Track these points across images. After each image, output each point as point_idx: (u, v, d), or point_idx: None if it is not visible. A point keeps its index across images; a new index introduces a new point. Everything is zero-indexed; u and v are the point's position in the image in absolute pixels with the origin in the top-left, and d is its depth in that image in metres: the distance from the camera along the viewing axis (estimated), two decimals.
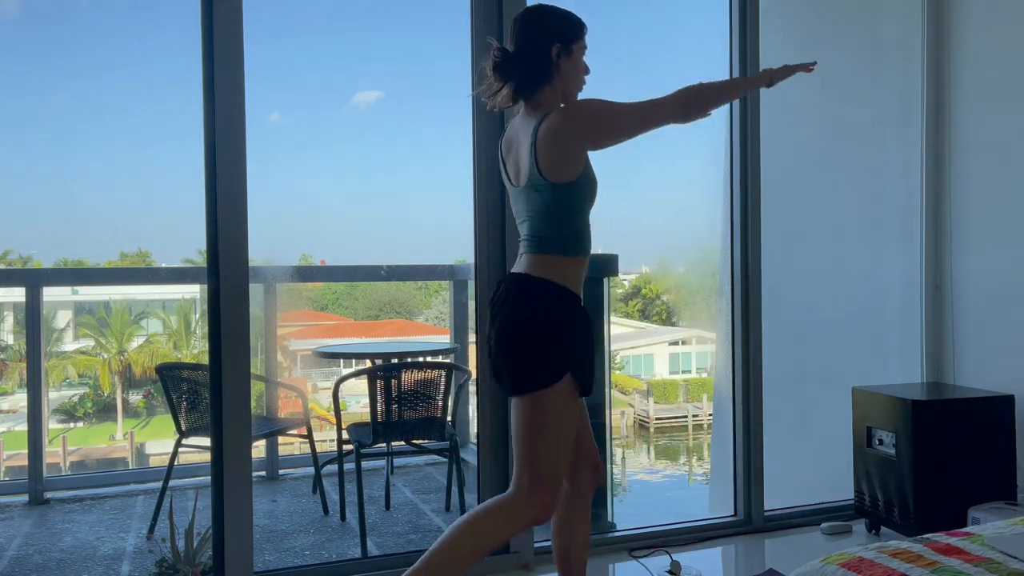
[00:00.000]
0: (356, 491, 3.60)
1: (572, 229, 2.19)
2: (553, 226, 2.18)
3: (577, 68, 2.23)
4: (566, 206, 2.17)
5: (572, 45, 2.21)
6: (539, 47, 2.19)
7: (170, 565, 2.93)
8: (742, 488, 3.49)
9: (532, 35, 2.21)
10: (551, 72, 2.20)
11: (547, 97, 2.21)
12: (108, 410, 15.07)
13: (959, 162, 3.74)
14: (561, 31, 2.20)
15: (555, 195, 2.15)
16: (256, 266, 4.56)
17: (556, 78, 2.20)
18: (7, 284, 7.47)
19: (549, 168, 2.13)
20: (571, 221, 2.19)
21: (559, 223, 2.18)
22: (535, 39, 2.20)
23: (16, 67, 18.59)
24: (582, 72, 2.25)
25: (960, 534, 1.96)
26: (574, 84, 2.24)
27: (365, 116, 20.63)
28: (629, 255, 14.67)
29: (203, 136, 2.72)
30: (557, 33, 2.19)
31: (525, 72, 2.18)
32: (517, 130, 2.26)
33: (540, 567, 3.08)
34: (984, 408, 3.30)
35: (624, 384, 16.63)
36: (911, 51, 3.89)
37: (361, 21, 18.98)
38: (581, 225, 2.21)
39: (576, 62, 2.23)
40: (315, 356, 4.60)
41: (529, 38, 2.21)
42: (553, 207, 2.16)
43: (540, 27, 2.22)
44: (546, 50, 2.18)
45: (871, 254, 4.11)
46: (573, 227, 2.19)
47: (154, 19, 18.87)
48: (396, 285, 13.99)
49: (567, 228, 2.19)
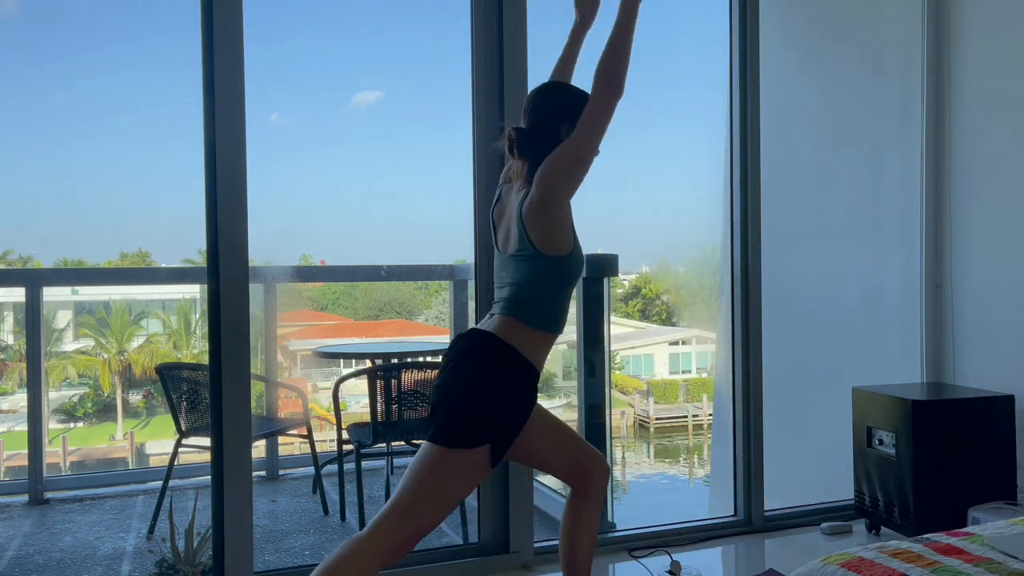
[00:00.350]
0: (356, 491, 3.60)
1: (552, 304, 2.16)
2: (535, 297, 2.15)
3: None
4: (552, 279, 2.15)
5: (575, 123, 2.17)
6: (549, 125, 2.19)
7: (170, 565, 2.93)
8: (742, 488, 3.49)
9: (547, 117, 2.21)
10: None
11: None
12: (108, 410, 15.08)
13: (959, 162, 3.74)
14: (571, 112, 2.18)
15: (543, 266, 2.13)
16: (256, 266, 4.56)
17: None
18: (7, 284, 7.48)
19: (539, 238, 2.11)
20: (553, 296, 2.16)
21: (541, 295, 2.15)
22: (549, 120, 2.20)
23: (16, 67, 18.61)
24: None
25: (960, 534, 1.96)
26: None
27: (365, 116, 20.65)
28: (629, 255, 14.67)
29: (203, 136, 2.72)
30: (567, 114, 2.18)
31: (540, 151, 2.17)
32: (507, 199, 2.26)
33: (540, 567, 3.08)
34: (984, 408, 3.30)
35: (624, 384, 16.64)
36: (911, 51, 3.89)
37: (361, 21, 19.00)
38: (561, 303, 2.19)
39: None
40: (315, 356, 4.60)
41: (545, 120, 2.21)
42: (540, 277, 2.14)
43: (550, 106, 2.22)
44: (557, 131, 2.17)
45: (871, 254, 4.11)
46: (554, 302, 2.16)
47: (154, 19, 18.89)
48: (396, 285, 14.00)
49: (548, 302, 2.16)
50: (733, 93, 3.51)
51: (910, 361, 3.89)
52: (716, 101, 3.71)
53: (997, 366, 3.54)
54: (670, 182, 21.85)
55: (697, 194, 15.02)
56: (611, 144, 2.30)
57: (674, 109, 20.99)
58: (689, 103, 19.84)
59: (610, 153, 2.31)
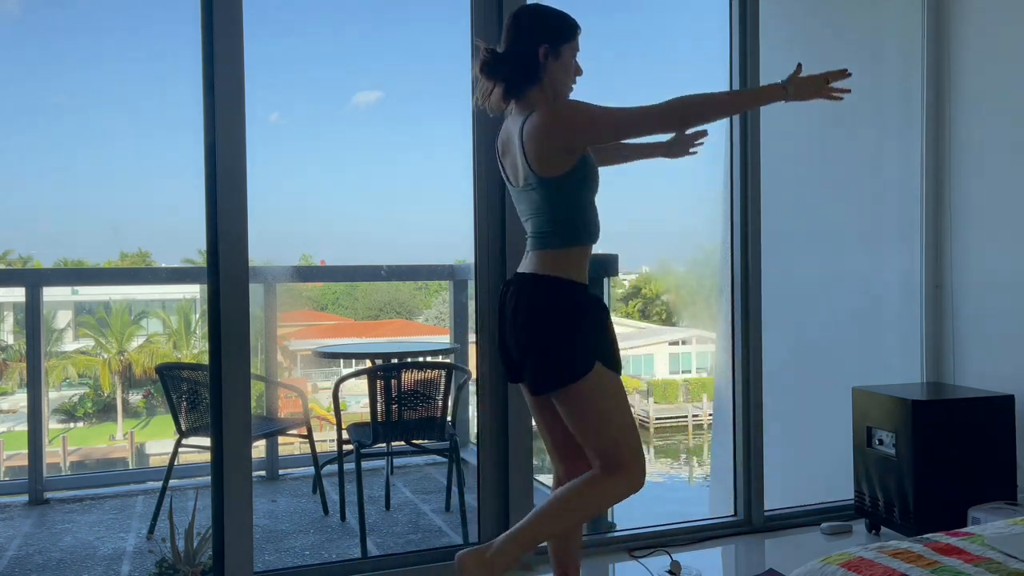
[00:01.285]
0: (356, 491, 3.60)
1: (572, 220, 2.18)
2: (553, 221, 2.17)
3: (566, 70, 2.22)
4: (564, 200, 2.17)
5: (561, 46, 2.20)
6: (526, 48, 2.18)
7: (170, 565, 2.93)
8: (742, 488, 3.49)
9: (520, 36, 2.21)
10: (538, 73, 2.19)
11: (536, 98, 2.20)
12: (108, 410, 15.08)
13: (959, 162, 3.74)
14: (550, 32, 2.19)
15: (550, 190, 2.15)
16: (256, 266, 4.56)
17: (544, 79, 2.20)
18: (7, 284, 7.47)
19: (539, 165, 2.13)
20: (571, 213, 2.18)
21: (559, 217, 2.17)
22: (523, 40, 2.20)
23: (17, 67, 18.60)
24: (572, 74, 2.24)
25: (960, 534, 1.96)
26: (563, 85, 2.23)
27: (365, 116, 20.65)
28: (629, 255, 14.65)
29: (203, 136, 2.72)
30: (546, 34, 2.19)
31: (512, 73, 2.18)
32: (509, 130, 2.26)
33: (541, 567, 3.08)
34: (984, 408, 3.30)
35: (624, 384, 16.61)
36: (911, 51, 3.89)
37: (361, 21, 18.99)
38: (581, 214, 2.20)
39: (565, 63, 2.22)
40: (315, 356, 4.60)
41: (517, 39, 2.21)
42: (551, 202, 2.17)
43: (529, 28, 2.21)
44: (533, 51, 2.17)
45: (871, 254, 4.11)
46: (573, 218, 2.18)
47: (154, 19, 18.89)
48: (396, 285, 14.00)
49: (567, 221, 2.18)
50: None
51: (910, 361, 3.89)
52: None
53: (997, 366, 3.54)
54: (670, 182, 21.86)
55: (697, 194, 15.03)
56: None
57: None
58: None
59: None
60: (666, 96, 2.14)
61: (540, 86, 2.20)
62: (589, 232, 2.23)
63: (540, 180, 2.14)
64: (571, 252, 2.19)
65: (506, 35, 2.24)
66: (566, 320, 2.15)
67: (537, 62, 2.17)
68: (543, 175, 2.13)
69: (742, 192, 3.48)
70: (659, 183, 20.20)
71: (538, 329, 2.17)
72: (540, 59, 2.18)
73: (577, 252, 2.21)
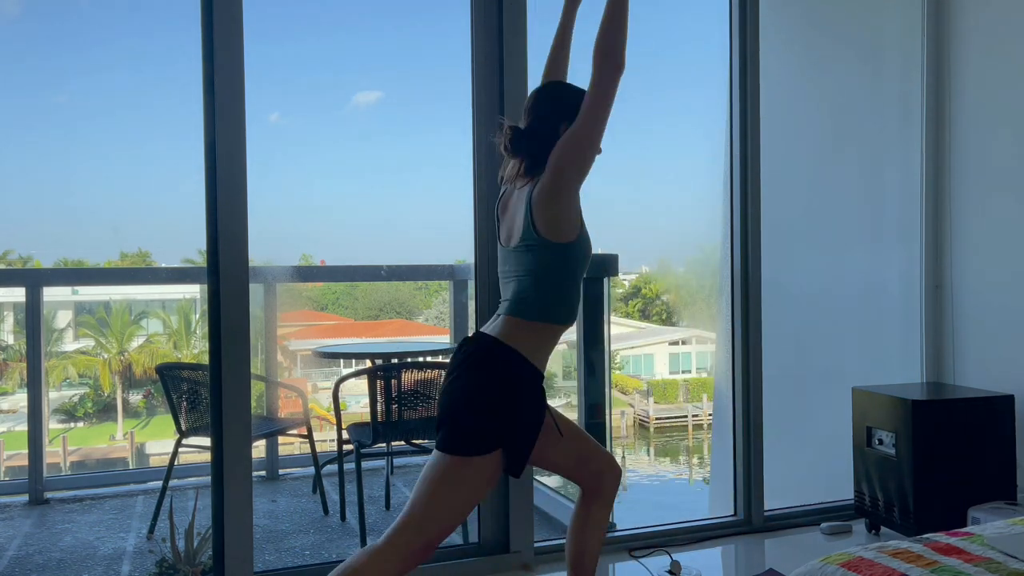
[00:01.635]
0: (356, 491, 3.60)
1: (559, 295, 2.12)
2: (541, 287, 2.11)
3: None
4: (560, 267, 2.11)
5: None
6: (548, 127, 2.16)
7: (170, 565, 2.93)
8: (742, 488, 3.49)
9: (543, 114, 2.19)
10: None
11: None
12: (108, 410, 15.09)
13: (959, 162, 3.74)
14: (569, 111, 2.15)
15: (549, 255, 2.09)
16: (256, 266, 4.56)
17: None
18: (7, 284, 7.47)
19: (546, 225, 2.07)
20: (560, 285, 2.12)
21: (548, 285, 2.11)
22: (546, 119, 2.18)
23: (17, 67, 18.61)
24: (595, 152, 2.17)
25: (960, 534, 1.96)
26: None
27: (365, 116, 20.66)
28: (629, 255, 14.68)
29: (203, 136, 2.72)
30: (567, 112, 2.15)
31: (534, 150, 2.15)
32: (513, 193, 2.22)
33: (541, 567, 3.08)
34: (984, 408, 3.30)
35: (624, 384, 16.64)
36: (911, 51, 3.89)
37: (362, 21, 19.00)
38: (569, 292, 2.14)
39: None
40: (315, 356, 4.60)
41: (540, 117, 2.19)
42: (546, 267, 2.10)
43: (551, 106, 2.19)
44: (555, 129, 2.15)
45: (871, 254, 4.11)
46: (560, 292, 2.12)
47: (154, 19, 18.89)
48: (396, 285, 14.00)
49: (554, 293, 2.12)
50: (733, 93, 3.51)
51: (910, 361, 3.89)
52: (716, 101, 3.71)
53: (997, 366, 3.54)
54: (670, 182, 21.86)
55: (697, 194, 15.01)
56: (611, 144, 2.29)
57: (674, 109, 21.01)
58: (689, 103, 19.87)
59: (610, 153, 2.30)
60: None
61: None
62: (570, 312, 2.16)
63: (541, 241, 2.08)
64: (543, 328, 2.12)
65: (528, 112, 2.22)
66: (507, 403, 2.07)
67: (558, 138, 2.13)
68: (547, 237, 2.07)
69: (742, 192, 3.48)
70: (659, 183, 20.18)
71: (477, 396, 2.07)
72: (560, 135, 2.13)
73: (550, 330, 2.13)
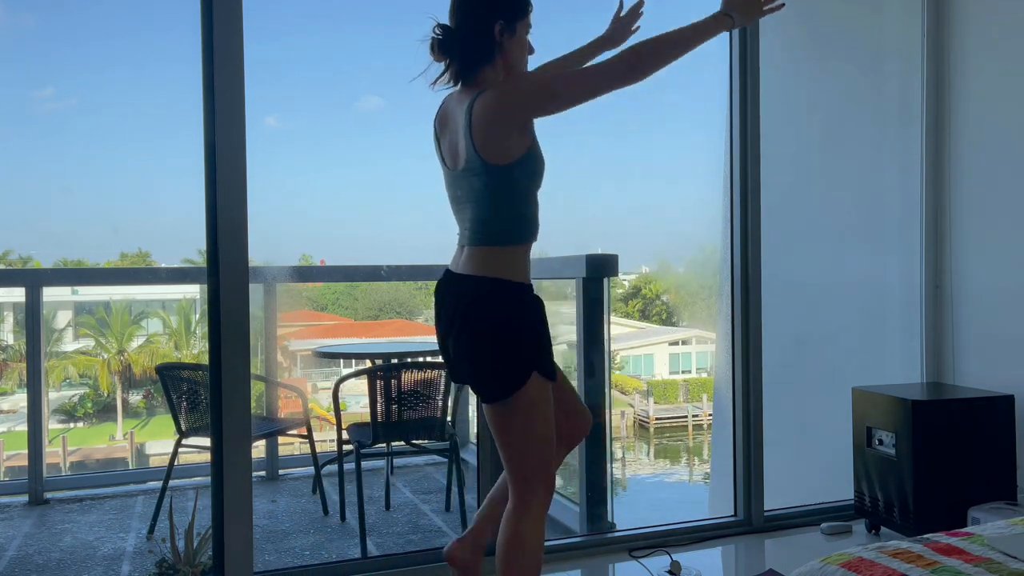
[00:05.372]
0: (356, 491, 3.60)
1: (517, 214, 2.04)
2: (496, 212, 2.03)
3: (521, 47, 2.10)
4: (509, 189, 2.02)
5: (516, 23, 2.07)
6: (481, 24, 2.04)
7: (170, 565, 2.93)
8: (742, 488, 3.49)
9: (473, 12, 2.06)
10: (493, 51, 2.05)
11: (488, 77, 2.06)
12: (108, 410, 15.10)
13: (959, 162, 3.74)
14: (504, 7, 2.05)
15: (496, 177, 1.99)
16: (256, 266, 4.56)
17: (498, 58, 2.06)
18: (7, 284, 7.49)
19: (487, 149, 1.97)
20: (515, 205, 2.04)
21: (503, 210, 2.03)
22: (477, 16, 2.05)
23: (17, 67, 18.61)
24: (526, 52, 2.11)
25: (960, 534, 1.96)
26: (518, 64, 2.11)
27: (366, 117, 20.67)
28: (629, 255, 14.67)
29: (203, 136, 2.72)
30: (500, 9, 2.05)
31: (466, 51, 2.05)
32: (451, 109, 2.10)
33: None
34: (984, 408, 3.30)
35: (624, 384, 16.64)
36: (911, 52, 3.89)
37: (363, 22, 19.00)
38: (526, 209, 2.06)
39: (520, 41, 2.09)
40: (315, 356, 4.60)
41: (470, 15, 2.06)
42: (495, 191, 2.01)
43: (482, 3, 2.08)
44: (488, 28, 2.05)
45: (871, 254, 4.11)
46: (518, 212, 2.04)
47: (154, 19, 18.90)
48: (396, 285, 14.01)
49: (511, 213, 2.04)
50: (733, 93, 3.51)
51: (910, 361, 3.89)
52: (716, 101, 3.71)
53: (997, 366, 3.54)
54: (670, 182, 21.86)
55: (697, 194, 15.02)
56: (612, 144, 2.29)
57: (674, 109, 21.03)
58: (689, 103, 19.88)
59: (611, 153, 2.30)
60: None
61: (493, 65, 2.06)
62: (531, 229, 2.08)
63: (485, 165, 1.98)
64: (513, 250, 2.05)
65: (456, 10, 2.08)
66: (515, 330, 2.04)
67: (492, 39, 2.05)
68: (490, 160, 1.98)
69: (742, 192, 3.48)
70: (659, 183, 20.17)
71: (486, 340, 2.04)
72: (495, 36, 2.05)
73: (519, 250, 2.06)
